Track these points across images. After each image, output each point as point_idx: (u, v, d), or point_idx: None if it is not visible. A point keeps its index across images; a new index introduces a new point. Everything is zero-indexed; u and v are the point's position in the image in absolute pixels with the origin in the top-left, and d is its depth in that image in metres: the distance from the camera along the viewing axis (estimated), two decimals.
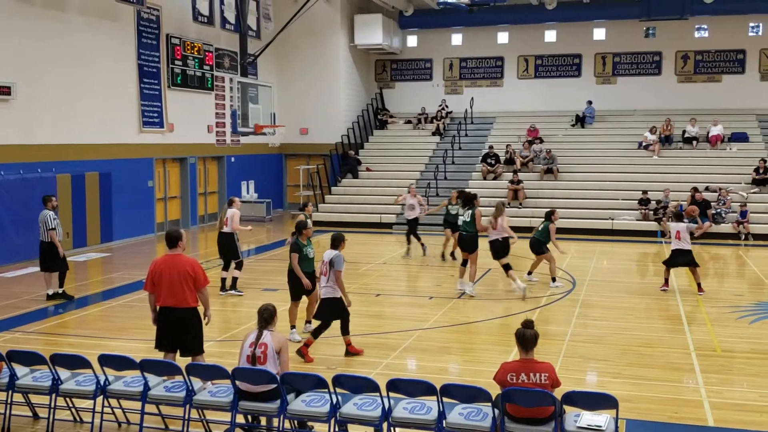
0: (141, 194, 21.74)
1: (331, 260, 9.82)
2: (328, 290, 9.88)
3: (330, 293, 9.87)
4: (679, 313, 12.57)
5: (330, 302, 9.90)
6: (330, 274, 9.81)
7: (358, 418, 6.63)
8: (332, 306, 9.89)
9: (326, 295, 9.91)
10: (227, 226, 14.19)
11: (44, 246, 13.44)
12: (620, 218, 22.84)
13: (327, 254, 9.96)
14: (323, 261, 9.95)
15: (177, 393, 7.14)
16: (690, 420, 7.81)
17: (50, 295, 13.55)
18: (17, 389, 7.48)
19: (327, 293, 9.90)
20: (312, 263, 10.77)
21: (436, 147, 28.26)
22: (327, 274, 9.85)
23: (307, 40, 28.23)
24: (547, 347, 9.92)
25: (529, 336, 6.49)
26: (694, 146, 25.83)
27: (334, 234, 10.21)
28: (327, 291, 9.89)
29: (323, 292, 9.96)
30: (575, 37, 29.30)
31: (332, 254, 9.90)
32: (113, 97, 20.25)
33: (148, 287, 8.15)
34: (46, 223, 13.33)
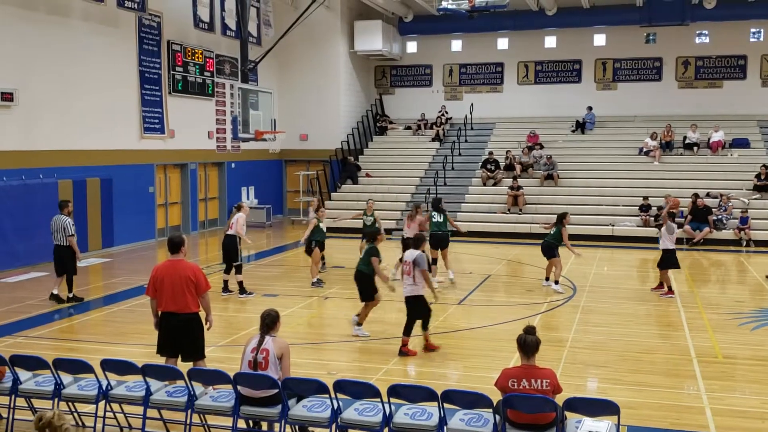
0: (142, 200, 21.76)
1: (415, 260, 10.30)
2: (412, 288, 10.36)
3: (414, 291, 10.36)
4: (680, 320, 12.58)
5: (415, 300, 10.38)
6: (414, 273, 10.26)
7: (359, 423, 6.64)
8: (417, 303, 10.39)
9: (411, 293, 10.39)
10: (231, 229, 14.46)
11: (61, 251, 13.65)
12: (621, 224, 22.85)
13: (410, 254, 10.44)
14: (406, 260, 10.38)
15: (179, 398, 7.15)
16: (691, 426, 7.80)
17: (54, 294, 13.72)
18: (20, 394, 7.49)
19: (412, 291, 10.38)
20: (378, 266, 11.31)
21: (435, 153, 28.29)
22: (411, 273, 10.29)
23: (308, 47, 28.29)
24: (548, 353, 9.91)
25: (531, 342, 6.49)
26: (695, 152, 25.85)
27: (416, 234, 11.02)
28: (412, 289, 10.36)
29: (408, 290, 10.41)
30: (575, 42, 29.35)
31: (415, 254, 10.36)
32: (114, 103, 20.28)
33: (150, 292, 8.17)
34: (66, 229, 13.58)
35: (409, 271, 10.37)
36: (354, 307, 13.69)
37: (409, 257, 10.42)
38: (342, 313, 13.37)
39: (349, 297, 14.35)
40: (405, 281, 10.47)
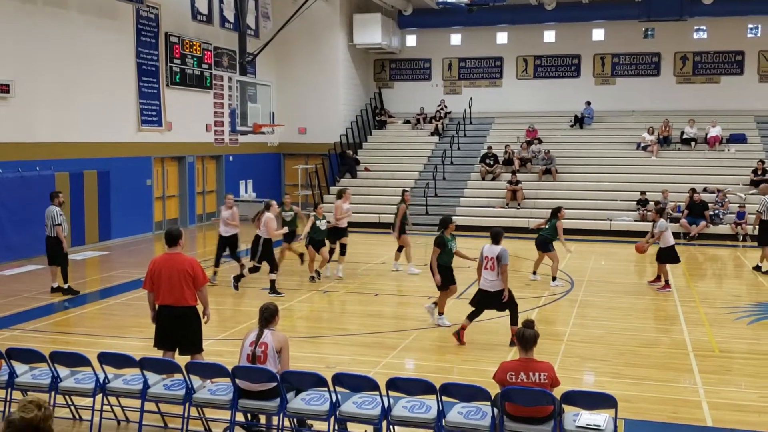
0: (139, 193, 21.72)
1: (498, 255, 10.34)
2: (494, 283, 10.37)
3: (497, 286, 10.37)
4: (677, 314, 12.59)
5: (497, 295, 10.38)
6: (497, 268, 10.32)
7: (358, 416, 6.64)
8: (498, 298, 10.38)
9: (493, 288, 10.38)
10: (259, 229, 13.99)
11: (51, 241, 13.64)
12: (618, 219, 22.86)
13: (490, 249, 10.45)
14: (486, 256, 10.42)
15: (176, 391, 7.14)
16: (688, 420, 7.82)
17: (54, 288, 13.80)
18: (17, 387, 7.48)
19: (493, 286, 10.38)
20: (452, 257, 11.42)
21: (434, 147, 28.27)
22: (495, 268, 10.33)
23: (306, 40, 28.23)
24: (546, 347, 9.92)
25: (529, 336, 6.51)
26: (693, 147, 25.87)
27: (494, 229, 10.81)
28: (494, 284, 10.38)
29: (490, 284, 10.42)
30: (574, 37, 29.32)
31: (498, 249, 10.42)
32: (112, 96, 20.24)
33: (148, 286, 8.16)
34: (53, 218, 13.54)
35: (492, 266, 10.36)
36: (353, 302, 13.71)
37: (492, 252, 10.41)
38: (340, 307, 13.39)
39: (349, 291, 14.38)
40: (486, 275, 10.44)
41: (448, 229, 11.50)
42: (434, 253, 11.30)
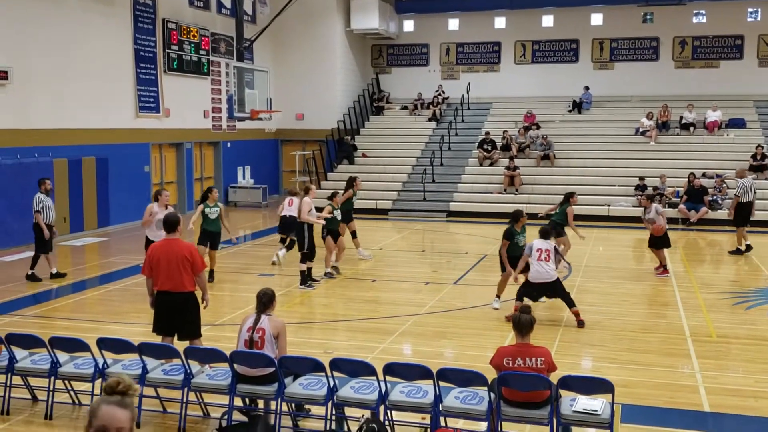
0: (137, 179, 21.70)
1: (556, 247, 11.13)
2: (552, 273, 10.85)
3: (554, 276, 10.90)
4: (674, 299, 12.62)
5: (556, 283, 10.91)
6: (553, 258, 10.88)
7: (355, 401, 6.67)
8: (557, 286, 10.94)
9: (551, 279, 10.85)
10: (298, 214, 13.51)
11: (35, 228, 13.76)
12: (616, 204, 22.88)
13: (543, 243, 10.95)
14: (540, 248, 10.83)
15: (175, 376, 7.17)
16: (686, 405, 7.85)
17: (53, 274, 13.88)
18: (16, 372, 7.52)
19: (551, 277, 10.84)
20: (519, 249, 11.51)
21: (432, 133, 28.23)
22: (550, 259, 10.84)
23: (303, 25, 28.13)
24: (543, 333, 9.96)
25: (525, 321, 6.53)
26: (692, 132, 25.84)
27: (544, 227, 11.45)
28: (552, 275, 10.84)
29: (548, 275, 10.82)
30: (573, 22, 29.23)
31: (550, 243, 11.09)
32: (110, 82, 20.18)
33: (146, 271, 8.17)
34: (33, 205, 13.67)
35: (548, 257, 10.85)
36: (351, 287, 13.73)
37: (548, 246, 10.96)
38: (337, 293, 13.41)
39: (346, 276, 14.39)
40: (544, 267, 10.81)
41: (519, 223, 11.78)
42: (504, 245, 11.68)
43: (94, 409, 3.03)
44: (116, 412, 3.00)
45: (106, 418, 2.99)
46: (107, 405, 3.02)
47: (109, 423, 2.98)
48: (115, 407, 3.01)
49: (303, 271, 13.38)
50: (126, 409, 3.03)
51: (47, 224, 13.71)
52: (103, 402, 3.03)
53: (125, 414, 3.02)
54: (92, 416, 3.01)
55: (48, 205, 13.82)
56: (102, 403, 3.03)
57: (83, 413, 7.43)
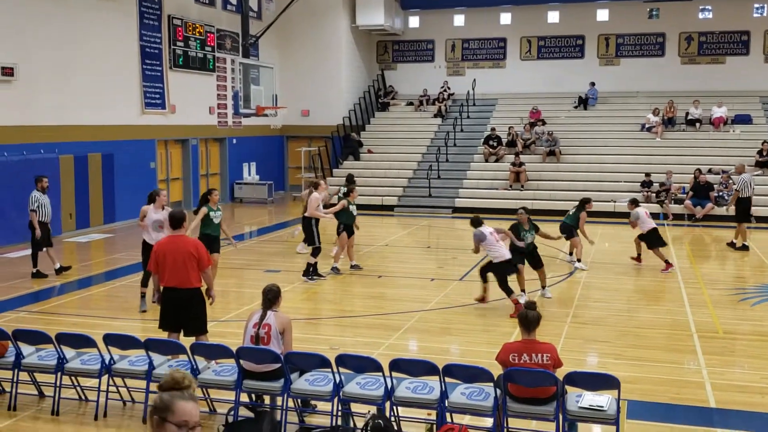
0: (143, 175, 21.72)
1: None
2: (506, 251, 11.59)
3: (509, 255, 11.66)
4: (680, 295, 12.60)
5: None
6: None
7: (361, 397, 6.68)
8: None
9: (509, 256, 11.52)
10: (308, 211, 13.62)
11: (30, 226, 13.86)
12: (622, 200, 22.79)
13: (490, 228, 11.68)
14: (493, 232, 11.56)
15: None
16: (691, 401, 7.85)
17: (57, 269, 13.94)
18: (23, 368, 7.54)
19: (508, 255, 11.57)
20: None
21: (437, 129, 28.20)
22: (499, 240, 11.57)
23: (309, 21, 28.11)
24: (549, 329, 9.96)
25: (532, 317, 6.52)
26: (698, 128, 25.77)
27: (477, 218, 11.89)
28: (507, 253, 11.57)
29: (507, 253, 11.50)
30: (578, 18, 29.17)
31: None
32: (115, 78, 20.21)
33: (152, 268, 8.19)
34: (29, 203, 13.77)
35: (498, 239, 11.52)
36: (357, 283, 13.73)
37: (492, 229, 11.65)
38: (343, 289, 13.42)
39: (352, 273, 14.39)
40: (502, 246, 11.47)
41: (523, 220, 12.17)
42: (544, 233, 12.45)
43: (167, 405, 3.00)
44: (192, 407, 3.01)
45: (186, 413, 2.98)
46: (182, 400, 3.01)
47: (190, 417, 2.98)
48: (190, 401, 3.02)
49: (311, 264, 13.52)
50: (197, 403, 3.05)
51: (43, 222, 13.80)
52: (177, 397, 3.02)
53: (197, 408, 3.03)
54: (166, 411, 2.98)
55: (44, 203, 13.88)
56: (176, 398, 3.01)
57: (90, 409, 7.46)
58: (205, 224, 12.02)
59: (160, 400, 3.03)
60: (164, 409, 2.99)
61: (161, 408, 3.00)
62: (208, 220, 12.04)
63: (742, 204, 17.09)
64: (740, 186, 17.09)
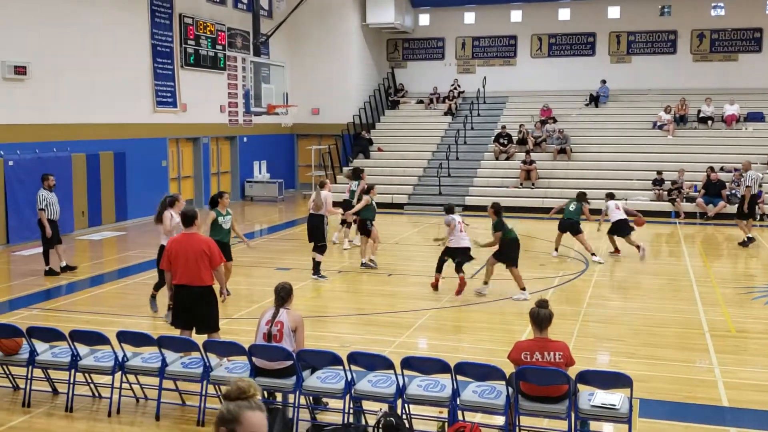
0: (155, 174, 21.82)
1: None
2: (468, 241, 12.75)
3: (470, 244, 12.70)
4: (693, 294, 12.56)
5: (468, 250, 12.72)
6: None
7: (373, 394, 6.69)
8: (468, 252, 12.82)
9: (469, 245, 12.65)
10: (322, 209, 13.63)
11: (39, 223, 13.93)
12: (634, 198, 22.74)
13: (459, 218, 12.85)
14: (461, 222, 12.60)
15: (194, 369, 7.22)
16: (704, 400, 7.82)
17: (63, 267, 14.04)
18: (37, 365, 7.59)
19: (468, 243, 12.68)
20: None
21: (448, 127, 28.18)
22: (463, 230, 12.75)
23: (319, 20, 28.13)
24: (561, 327, 9.92)
25: (544, 315, 6.50)
26: (710, 126, 25.65)
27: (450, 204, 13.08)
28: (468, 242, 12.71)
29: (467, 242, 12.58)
30: (589, 15, 29.08)
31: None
32: (127, 77, 20.28)
33: (165, 265, 8.22)
34: (37, 202, 13.84)
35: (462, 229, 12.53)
36: (367, 281, 13.75)
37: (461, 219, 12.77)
38: (354, 287, 13.44)
39: (363, 271, 14.42)
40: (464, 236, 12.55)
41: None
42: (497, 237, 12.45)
43: (235, 416, 2.90)
44: (260, 417, 2.92)
45: (254, 424, 2.89)
46: (250, 410, 2.91)
47: (259, 428, 2.90)
48: (258, 412, 2.93)
49: (318, 261, 13.63)
50: (264, 413, 2.96)
51: (51, 220, 13.87)
52: (244, 408, 2.92)
53: (265, 418, 2.94)
54: (234, 423, 2.88)
55: (52, 201, 13.95)
56: (243, 409, 2.91)
57: (103, 406, 7.50)
58: (215, 230, 11.38)
59: (227, 411, 2.92)
60: (232, 421, 2.89)
61: (228, 419, 2.90)
62: (217, 226, 11.45)
63: (752, 201, 17.23)
64: (751, 182, 17.25)
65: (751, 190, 17.20)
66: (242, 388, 2.97)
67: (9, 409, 7.54)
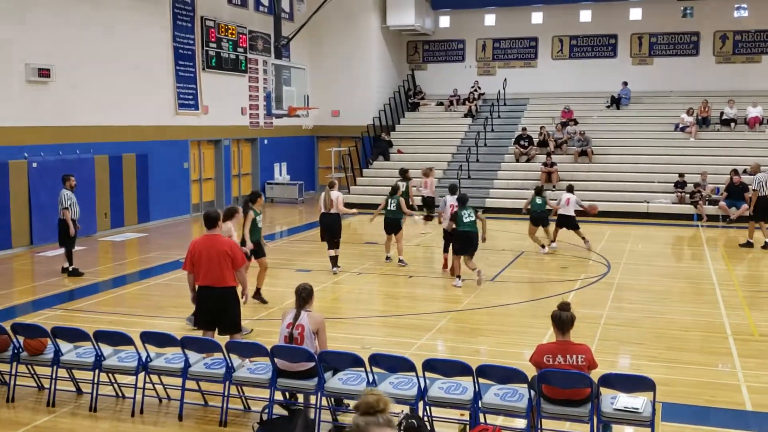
0: (177, 175, 21.98)
1: None
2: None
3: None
4: (715, 297, 12.46)
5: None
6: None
7: (395, 396, 6.67)
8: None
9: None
10: (334, 208, 14.13)
11: (60, 223, 14.15)
12: (656, 201, 22.61)
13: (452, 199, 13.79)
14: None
15: (217, 370, 7.27)
16: (727, 404, 7.76)
17: (63, 268, 14.22)
18: (62, 365, 7.67)
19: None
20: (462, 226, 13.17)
21: (468, 129, 28.14)
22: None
23: (340, 22, 28.20)
24: (582, 330, 9.86)
25: (566, 318, 6.48)
26: (732, 128, 25.43)
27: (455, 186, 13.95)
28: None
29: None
30: (611, 16, 28.94)
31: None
32: (149, 80, 20.45)
33: (187, 267, 8.28)
34: (61, 202, 14.02)
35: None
36: (388, 283, 13.76)
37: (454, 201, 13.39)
38: (375, 289, 13.45)
39: (383, 273, 14.44)
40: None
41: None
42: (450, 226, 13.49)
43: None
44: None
45: None
46: (377, 427, 2.84)
47: None
48: (386, 428, 2.84)
49: (334, 256, 14.36)
50: (393, 428, 2.86)
51: (73, 219, 14.07)
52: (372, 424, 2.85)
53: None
54: None
55: (74, 201, 14.15)
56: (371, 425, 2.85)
57: (126, 406, 7.57)
58: (253, 230, 11.40)
59: (356, 427, 2.86)
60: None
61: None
62: (254, 225, 11.38)
63: (762, 203, 17.35)
64: (757, 185, 17.48)
65: (759, 193, 17.35)
66: (371, 403, 2.89)
67: (34, 408, 7.63)
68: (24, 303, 12.18)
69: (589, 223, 16.70)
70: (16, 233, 16.59)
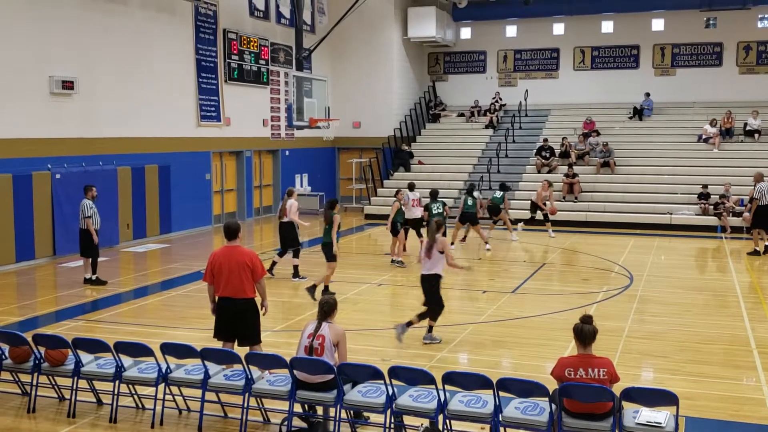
0: (199, 187, 22.10)
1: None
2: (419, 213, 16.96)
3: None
4: (739, 310, 12.30)
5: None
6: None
7: (414, 409, 6.65)
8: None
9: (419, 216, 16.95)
10: (287, 216, 14.79)
11: (82, 233, 14.30)
12: (679, 213, 22.41)
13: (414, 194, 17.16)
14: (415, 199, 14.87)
15: (236, 381, 7.26)
16: (751, 418, 7.64)
17: (86, 279, 14.36)
18: (82, 376, 7.69)
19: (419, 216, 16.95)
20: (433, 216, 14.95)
21: (489, 140, 28.08)
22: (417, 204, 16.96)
23: (361, 34, 28.29)
24: (604, 343, 9.78)
25: (588, 331, 6.41)
26: (756, 139, 25.17)
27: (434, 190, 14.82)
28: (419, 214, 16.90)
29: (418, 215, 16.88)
30: (633, 27, 28.79)
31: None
32: (172, 91, 20.62)
33: (208, 278, 8.29)
34: (84, 211, 14.19)
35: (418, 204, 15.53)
36: (407, 295, 13.72)
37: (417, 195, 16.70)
38: (394, 300, 13.41)
39: (403, 284, 14.41)
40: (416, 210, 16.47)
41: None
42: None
43: None
44: None
45: None
46: None
47: None
48: None
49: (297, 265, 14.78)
50: None
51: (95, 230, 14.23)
52: None
53: None
54: None
55: (95, 211, 14.32)
56: None
57: (146, 417, 7.58)
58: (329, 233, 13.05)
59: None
60: None
61: None
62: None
63: (760, 212, 17.60)
64: (757, 194, 17.68)
65: (759, 202, 17.55)
66: None
67: (54, 419, 7.66)
68: (46, 314, 12.27)
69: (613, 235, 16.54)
70: (39, 244, 16.75)
